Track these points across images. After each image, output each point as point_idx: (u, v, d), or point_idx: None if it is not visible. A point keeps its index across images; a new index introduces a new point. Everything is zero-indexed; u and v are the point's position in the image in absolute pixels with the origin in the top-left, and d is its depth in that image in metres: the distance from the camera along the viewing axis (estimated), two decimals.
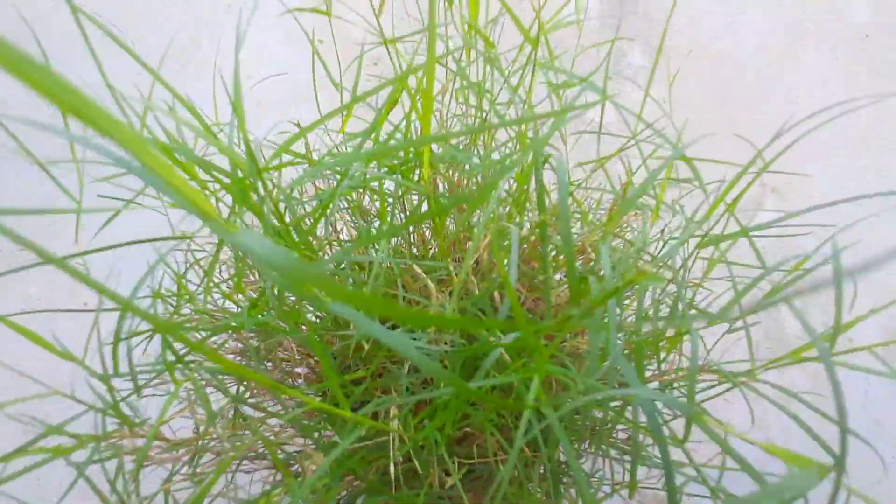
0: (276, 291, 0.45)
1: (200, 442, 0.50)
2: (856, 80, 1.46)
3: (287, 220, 0.38)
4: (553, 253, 0.56)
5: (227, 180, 0.32)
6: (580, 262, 0.56)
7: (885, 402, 1.12)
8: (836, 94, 1.43)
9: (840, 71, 1.47)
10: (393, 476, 0.43)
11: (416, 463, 0.48)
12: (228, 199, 0.48)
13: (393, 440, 0.41)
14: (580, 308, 0.37)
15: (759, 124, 1.38)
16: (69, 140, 0.22)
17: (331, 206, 0.46)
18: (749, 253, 0.49)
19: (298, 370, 0.68)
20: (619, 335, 0.46)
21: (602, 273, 0.47)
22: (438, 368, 0.23)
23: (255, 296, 0.50)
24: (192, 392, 0.61)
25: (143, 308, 0.46)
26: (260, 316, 0.51)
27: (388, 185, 0.56)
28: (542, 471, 0.59)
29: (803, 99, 1.43)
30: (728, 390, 0.55)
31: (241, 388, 0.59)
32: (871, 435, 1.03)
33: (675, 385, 0.54)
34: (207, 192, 0.44)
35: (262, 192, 0.30)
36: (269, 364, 0.66)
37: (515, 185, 0.49)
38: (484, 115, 0.57)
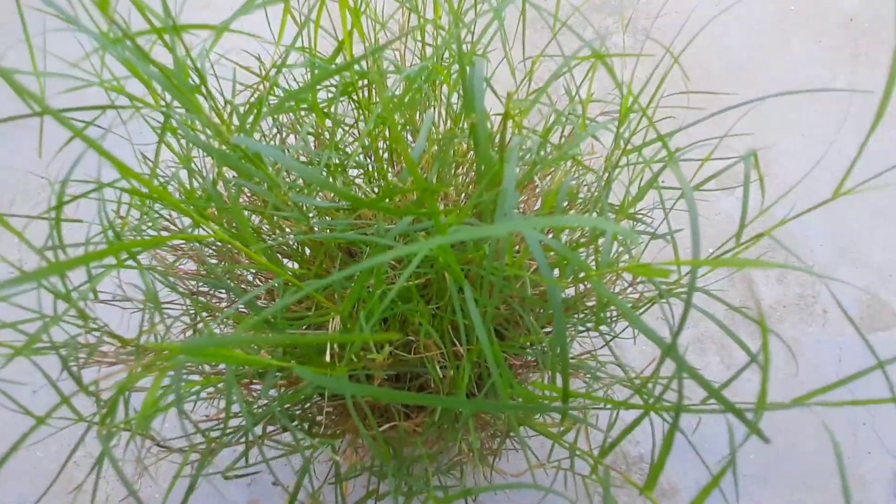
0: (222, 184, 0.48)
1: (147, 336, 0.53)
2: (840, 65, 1.48)
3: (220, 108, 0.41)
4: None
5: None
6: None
7: (856, 369, 1.15)
8: (819, 77, 1.45)
9: (825, 55, 1.49)
10: (329, 358, 0.46)
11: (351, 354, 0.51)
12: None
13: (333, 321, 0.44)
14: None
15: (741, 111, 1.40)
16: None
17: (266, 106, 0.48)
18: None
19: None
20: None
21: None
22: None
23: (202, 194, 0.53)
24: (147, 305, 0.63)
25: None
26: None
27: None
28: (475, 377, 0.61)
29: (788, 82, 1.45)
30: (652, 302, 0.57)
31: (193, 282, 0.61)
32: (842, 397, 1.06)
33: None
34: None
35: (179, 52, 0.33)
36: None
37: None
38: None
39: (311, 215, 0.47)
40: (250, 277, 0.71)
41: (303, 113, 0.58)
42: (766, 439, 0.28)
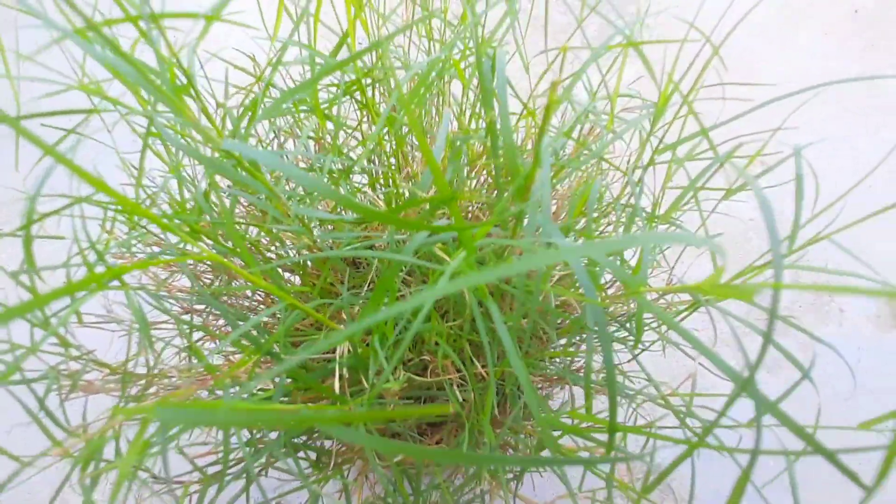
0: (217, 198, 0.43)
1: (132, 363, 0.48)
2: (848, 55, 1.44)
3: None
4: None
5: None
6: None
7: (876, 372, 1.10)
8: (830, 69, 1.41)
9: (832, 46, 1.45)
10: (338, 383, 0.41)
11: (363, 378, 0.46)
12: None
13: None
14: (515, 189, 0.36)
15: (748, 96, 1.36)
16: None
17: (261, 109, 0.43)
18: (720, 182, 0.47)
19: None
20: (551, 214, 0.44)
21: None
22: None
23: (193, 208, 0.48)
24: (132, 327, 0.59)
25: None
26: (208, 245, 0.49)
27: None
28: (497, 398, 0.57)
29: (795, 74, 1.41)
30: (688, 309, 0.53)
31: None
32: (864, 404, 1.02)
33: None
34: None
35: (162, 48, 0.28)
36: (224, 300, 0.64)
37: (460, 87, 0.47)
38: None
39: (313, 227, 0.42)
40: (248, 293, 0.66)
41: (302, 115, 0.54)
42: (866, 488, 0.23)
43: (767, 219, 0.28)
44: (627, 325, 0.50)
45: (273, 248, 0.49)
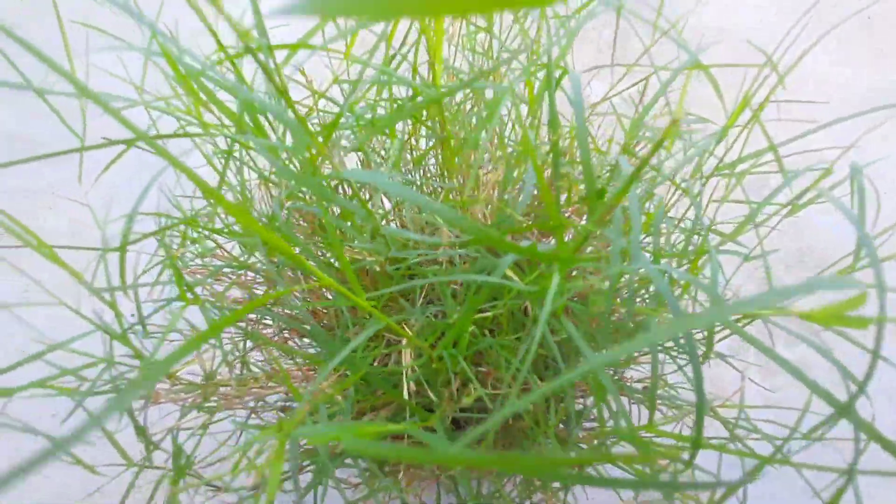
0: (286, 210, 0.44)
1: (208, 381, 0.49)
2: (859, 62, 1.45)
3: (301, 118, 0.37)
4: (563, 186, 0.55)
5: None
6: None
7: None
8: (842, 77, 1.41)
9: (843, 53, 1.46)
10: (406, 396, 0.42)
11: (429, 391, 0.47)
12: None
13: (405, 357, 0.40)
14: (598, 215, 0.37)
15: (790, 99, 1.36)
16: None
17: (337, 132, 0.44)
18: (759, 190, 0.48)
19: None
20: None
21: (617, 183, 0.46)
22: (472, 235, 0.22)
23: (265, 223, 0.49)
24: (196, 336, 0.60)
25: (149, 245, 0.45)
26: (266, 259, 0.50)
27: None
28: (555, 409, 0.58)
29: (811, 84, 1.42)
30: (747, 324, 0.54)
31: (248, 326, 0.58)
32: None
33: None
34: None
35: (272, 71, 0.29)
36: (276, 311, 0.65)
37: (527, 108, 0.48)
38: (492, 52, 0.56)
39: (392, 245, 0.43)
40: (297, 302, 0.67)
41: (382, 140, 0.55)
42: None
43: (862, 238, 0.29)
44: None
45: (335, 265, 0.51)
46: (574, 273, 0.49)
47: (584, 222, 0.64)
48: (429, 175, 0.64)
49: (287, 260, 0.51)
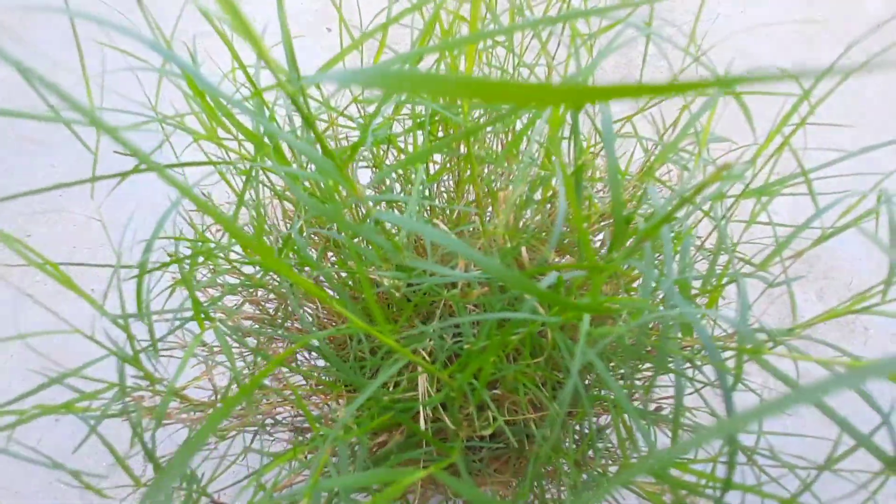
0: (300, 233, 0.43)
1: (219, 398, 0.49)
2: (868, 70, 1.44)
3: (328, 145, 0.36)
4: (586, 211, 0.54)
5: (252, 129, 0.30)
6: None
7: None
8: (850, 87, 1.40)
9: (853, 60, 1.45)
10: (423, 422, 0.41)
11: (445, 417, 0.46)
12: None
13: (424, 385, 0.39)
14: (625, 248, 0.36)
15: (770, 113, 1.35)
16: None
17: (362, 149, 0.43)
18: (784, 215, 0.47)
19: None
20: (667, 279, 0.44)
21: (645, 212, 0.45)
22: (497, 267, 0.21)
23: (279, 245, 0.49)
24: (210, 356, 0.59)
25: (160, 263, 0.44)
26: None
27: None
28: (576, 436, 0.57)
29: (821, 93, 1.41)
30: (770, 349, 0.53)
31: (259, 343, 0.57)
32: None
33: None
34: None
35: (302, 105, 0.28)
36: (288, 327, 0.64)
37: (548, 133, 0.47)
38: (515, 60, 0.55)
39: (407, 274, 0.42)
40: (309, 318, 0.66)
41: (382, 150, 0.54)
42: None
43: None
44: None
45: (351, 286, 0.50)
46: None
47: (602, 244, 0.63)
48: (443, 190, 0.64)
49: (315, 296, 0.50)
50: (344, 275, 0.53)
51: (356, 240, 0.39)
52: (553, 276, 0.34)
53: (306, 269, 0.52)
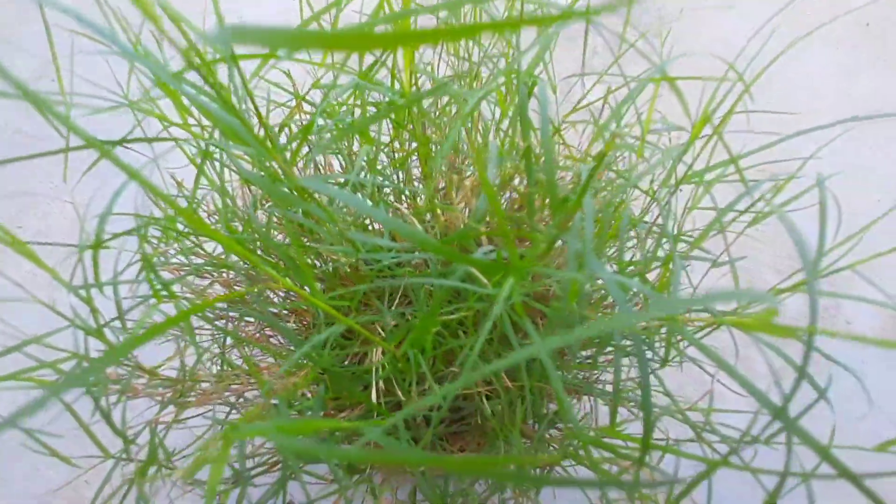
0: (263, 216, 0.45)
1: (186, 376, 0.50)
2: (857, 68, 1.46)
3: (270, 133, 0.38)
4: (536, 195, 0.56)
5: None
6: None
7: (882, 386, 1.12)
8: (840, 84, 1.43)
9: (844, 60, 1.47)
10: (374, 393, 0.43)
11: (397, 388, 0.48)
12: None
13: (375, 354, 0.41)
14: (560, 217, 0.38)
15: (758, 110, 1.37)
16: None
17: (313, 135, 0.45)
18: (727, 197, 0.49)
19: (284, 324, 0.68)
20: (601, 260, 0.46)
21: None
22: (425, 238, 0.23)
23: (240, 228, 0.51)
24: (181, 337, 0.61)
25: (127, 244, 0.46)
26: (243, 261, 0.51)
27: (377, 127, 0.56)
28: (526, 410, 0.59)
29: (804, 87, 1.43)
30: (711, 331, 0.55)
31: (227, 324, 0.59)
32: (867, 417, 1.03)
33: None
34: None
35: (237, 83, 0.30)
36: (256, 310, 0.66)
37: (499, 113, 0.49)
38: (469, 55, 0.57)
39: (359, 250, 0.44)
40: (275, 301, 0.68)
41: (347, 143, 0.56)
42: None
43: (800, 248, 0.30)
44: (650, 341, 0.52)
45: (317, 265, 0.52)
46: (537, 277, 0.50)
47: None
48: (412, 178, 0.66)
49: (246, 259, 0.52)
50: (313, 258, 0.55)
51: (307, 216, 0.41)
52: (487, 249, 0.36)
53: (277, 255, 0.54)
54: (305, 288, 0.41)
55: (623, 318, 0.28)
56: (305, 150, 0.52)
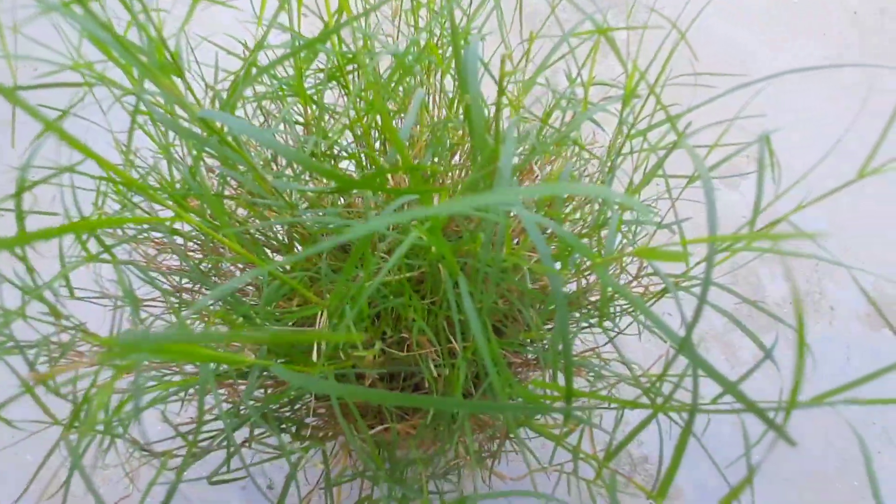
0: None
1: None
2: (847, 57, 1.45)
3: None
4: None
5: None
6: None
7: (865, 371, 1.12)
8: (825, 70, 1.42)
9: (830, 48, 1.47)
10: (315, 355, 0.43)
11: (341, 353, 0.48)
12: None
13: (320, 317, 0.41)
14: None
15: (743, 98, 1.37)
16: None
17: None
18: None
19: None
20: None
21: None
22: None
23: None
24: (119, 300, 0.60)
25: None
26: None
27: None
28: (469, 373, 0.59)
29: (791, 76, 1.42)
30: (658, 296, 0.55)
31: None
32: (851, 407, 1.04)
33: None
34: None
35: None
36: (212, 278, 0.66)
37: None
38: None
39: (299, 205, 0.44)
40: (238, 273, 0.68)
41: (290, 101, 0.55)
42: (792, 442, 0.25)
43: (709, 201, 0.30)
44: (599, 308, 0.52)
45: (260, 228, 0.51)
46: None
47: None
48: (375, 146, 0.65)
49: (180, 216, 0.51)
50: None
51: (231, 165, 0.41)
52: (411, 197, 0.36)
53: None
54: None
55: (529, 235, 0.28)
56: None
